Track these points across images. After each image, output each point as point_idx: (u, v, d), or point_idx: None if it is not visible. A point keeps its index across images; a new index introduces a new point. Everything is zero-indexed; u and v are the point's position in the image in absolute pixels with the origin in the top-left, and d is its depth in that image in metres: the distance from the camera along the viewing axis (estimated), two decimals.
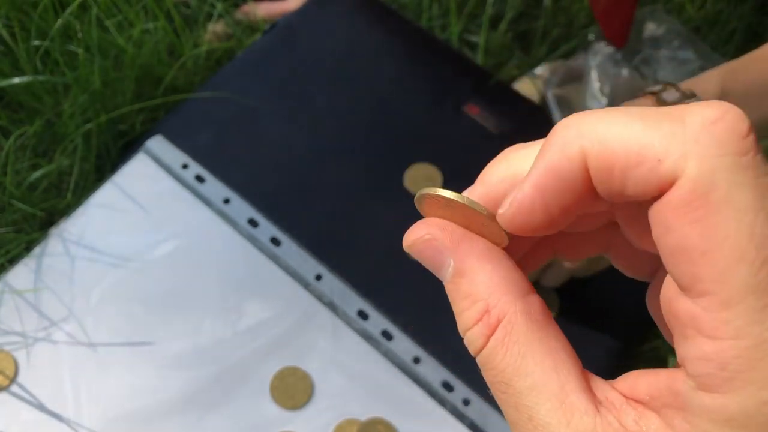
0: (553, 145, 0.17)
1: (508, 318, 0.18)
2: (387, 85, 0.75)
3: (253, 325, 0.62)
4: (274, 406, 0.59)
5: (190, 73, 0.77)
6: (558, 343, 0.18)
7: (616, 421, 0.17)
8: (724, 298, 0.15)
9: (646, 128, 0.15)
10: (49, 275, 0.63)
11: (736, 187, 0.15)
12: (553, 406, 0.17)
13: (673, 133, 0.15)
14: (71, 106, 0.68)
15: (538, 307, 0.18)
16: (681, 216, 0.15)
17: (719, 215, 0.15)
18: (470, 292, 0.19)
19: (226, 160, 0.69)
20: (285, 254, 0.65)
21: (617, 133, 0.16)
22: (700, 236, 0.15)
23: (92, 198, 0.66)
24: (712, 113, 0.15)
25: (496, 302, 0.18)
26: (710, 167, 0.15)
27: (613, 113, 0.16)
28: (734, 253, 0.15)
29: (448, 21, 0.84)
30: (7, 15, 0.70)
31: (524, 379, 0.17)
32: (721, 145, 0.15)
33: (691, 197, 0.15)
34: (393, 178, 0.70)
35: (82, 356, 0.60)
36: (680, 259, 0.15)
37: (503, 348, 0.18)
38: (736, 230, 0.15)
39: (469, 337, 0.19)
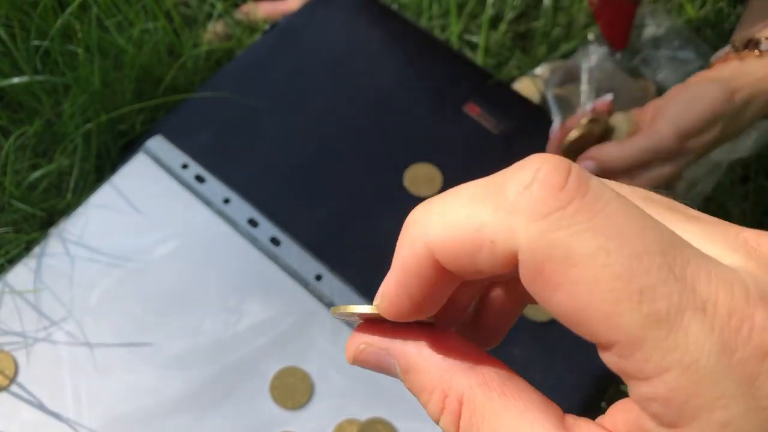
0: (404, 244, 0.17)
1: (466, 396, 0.18)
2: (387, 85, 0.75)
3: (253, 325, 0.62)
4: (274, 406, 0.59)
5: (190, 73, 0.77)
6: (524, 400, 0.18)
7: None
8: (627, 342, 0.14)
9: (476, 210, 0.16)
10: (49, 275, 0.63)
11: (571, 239, 0.14)
12: None
13: (497, 209, 0.15)
14: (71, 106, 0.68)
15: (493, 373, 0.18)
16: (543, 289, 0.15)
17: (573, 272, 0.14)
18: (424, 385, 0.18)
19: (226, 160, 0.69)
20: (285, 254, 0.65)
21: (453, 223, 0.16)
22: (570, 300, 0.15)
23: (92, 198, 0.66)
24: (524, 177, 0.15)
25: (449, 385, 0.18)
26: (538, 234, 0.15)
27: (450, 200, 0.17)
28: (608, 300, 0.14)
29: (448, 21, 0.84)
30: (6, 15, 0.70)
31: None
32: (539, 208, 0.15)
33: (537, 269, 0.15)
34: (393, 178, 0.70)
35: (82, 356, 0.60)
36: (572, 323, 0.15)
37: (473, 427, 0.17)
38: (596, 278, 0.14)
39: (442, 426, 0.18)
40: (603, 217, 0.14)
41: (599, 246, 0.14)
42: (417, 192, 0.69)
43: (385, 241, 0.67)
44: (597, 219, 0.14)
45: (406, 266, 0.17)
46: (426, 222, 0.17)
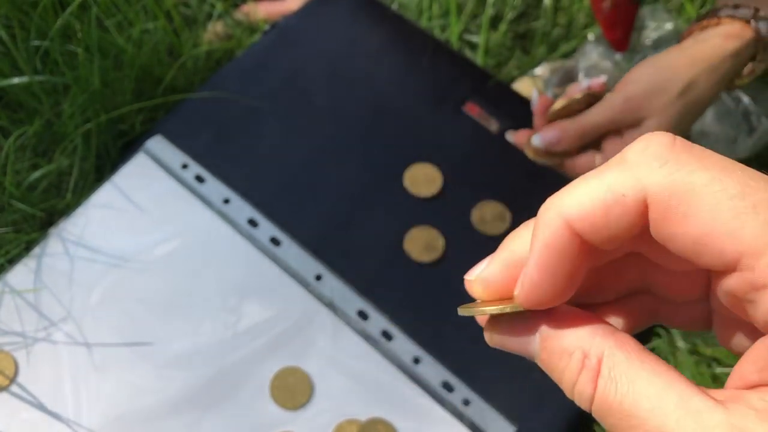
0: (542, 227, 0.19)
1: (606, 354, 0.19)
2: (387, 85, 0.75)
3: (253, 325, 0.62)
4: (274, 406, 0.59)
5: (190, 73, 0.77)
6: (660, 364, 0.18)
7: (744, 407, 0.17)
8: (751, 250, 0.17)
9: (603, 178, 0.18)
10: (49, 275, 0.63)
11: (690, 175, 0.17)
12: (680, 416, 0.17)
13: (622, 171, 0.18)
14: (71, 106, 0.68)
15: (630, 339, 0.19)
16: (671, 224, 0.18)
17: (695, 200, 0.17)
18: (563, 348, 0.19)
19: (226, 160, 0.69)
20: (285, 254, 0.65)
21: (585, 193, 0.19)
22: (696, 226, 0.17)
23: (92, 198, 0.66)
24: (641, 144, 0.18)
25: (590, 346, 0.19)
26: (661, 177, 0.18)
27: (577, 182, 0.19)
28: (730, 217, 0.17)
29: (448, 21, 0.84)
30: (6, 15, 0.70)
31: (643, 404, 0.18)
32: (658, 159, 0.18)
33: (665, 205, 0.18)
34: (393, 178, 0.70)
35: (82, 356, 0.60)
36: (698, 250, 0.17)
37: (613, 383, 0.18)
38: (716, 200, 0.17)
39: (578, 391, 0.19)
40: (708, 160, 0.18)
41: (713, 177, 0.17)
42: (417, 192, 0.69)
43: (385, 240, 0.67)
44: (705, 161, 0.18)
45: (547, 245, 0.19)
46: (559, 202, 0.19)
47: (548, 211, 0.19)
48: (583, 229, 0.19)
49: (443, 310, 0.64)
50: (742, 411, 0.17)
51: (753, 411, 0.17)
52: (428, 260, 0.66)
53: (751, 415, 0.17)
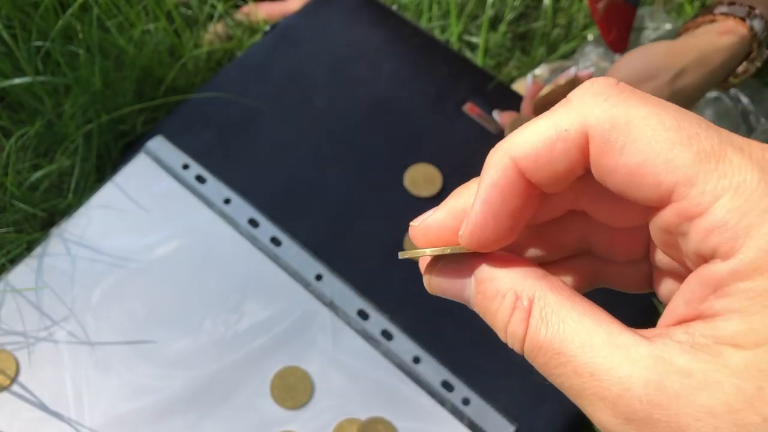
0: (489, 167, 0.20)
1: (537, 295, 0.19)
2: (387, 85, 0.75)
3: (253, 325, 0.62)
4: (274, 406, 0.59)
5: (191, 73, 0.77)
6: (590, 305, 0.19)
7: (669, 341, 0.18)
8: (684, 179, 0.17)
9: (548, 119, 0.19)
10: (50, 275, 0.63)
11: (629, 110, 0.18)
12: (609, 351, 0.18)
13: (567, 110, 0.19)
14: (72, 106, 0.68)
15: (561, 282, 0.20)
16: (610, 156, 0.18)
17: (634, 131, 0.18)
18: (497, 290, 0.20)
19: (226, 161, 0.69)
20: (285, 254, 0.65)
21: (531, 133, 0.19)
22: (634, 156, 0.18)
23: (93, 198, 0.66)
24: (586, 84, 0.19)
25: (522, 287, 0.20)
26: (602, 111, 0.18)
27: (525, 125, 0.20)
28: (665, 147, 0.17)
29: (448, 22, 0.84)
30: (8, 16, 0.71)
31: (572, 341, 0.18)
32: (600, 95, 0.19)
33: (605, 138, 0.18)
34: (393, 178, 0.70)
35: (83, 356, 0.60)
36: (635, 182, 0.18)
37: (544, 322, 0.19)
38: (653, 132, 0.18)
39: (510, 332, 0.20)
40: (648, 98, 0.18)
41: (651, 111, 0.18)
42: (417, 192, 0.69)
43: (385, 240, 0.67)
44: (644, 99, 0.18)
45: (493, 184, 0.20)
46: (506, 144, 0.20)
47: (496, 153, 0.20)
48: (528, 166, 0.19)
49: (443, 309, 0.64)
50: (666, 344, 0.17)
51: (677, 343, 0.17)
52: None
53: (675, 347, 0.17)
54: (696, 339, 0.17)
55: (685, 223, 0.17)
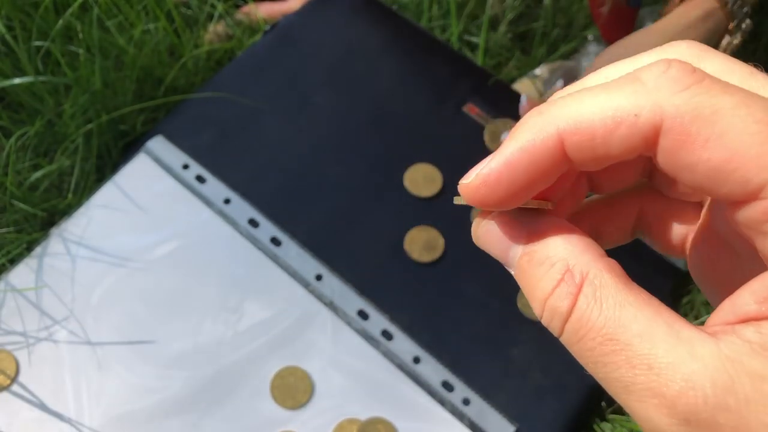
0: (529, 129, 0.18)
1: (593, 273, 0.17)
2: (387, 85, 0.75)
3: (253, 325, 0.62)
4: (274, 406, 0.59)
5: (191, 73, 0.77)
6: (648, 295, 0.17)
7: (738, 339, 0.16)
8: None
9: (612, 95, 0.17)
10: (50, 275, 0.63)
11: (714, 99, 0.16)
12: (671, 345, 0.16)
13: (636, 91, 0.17)
14: (72, 106, 0.68)
15: (618, 267, 0.18)
16: (691, 150, 0.16)
17: (721, 123, 0.16)
18: (546, 256, 0.18)
19: (226, 161, 0.69)
20: (285, 254, 0.65)
21: (587, 108, 0.17)
22: (720, 150, 0.16)
23: (93, 198, 0.66)
24: (659, 66, 0.17)
25: (576, 261, 0.18)
26: (683, 100, 0.16)
27: (579, 94, 0.18)
28: (757, 141, 0.16)
29: (448, 22, 0.84)
30: (8, 15, 0.71)
31: (630, 329, 0.16)
32: (679, 83, 0.17)
33: (685, 131, 0.16)
34: (393, 178, 0.70)
35: (83, 356, 0.60)
36: (721, 176, 0.16)
37: (597, 302, 0.17)
38: (743, 124, 0.16)
39: (551, 303, 0.18)
40: (731, 87, 0.16)
41: (739, 100, 0.16)
42: (417, 192, 0.69)
43: (385, 240, 0.67)
44: (728, 87, 0.16)
45: (529, 150, 0.17)
46: (557, 112, 0.17)
47: (540, 116, 0.18)
48: (575, 143, 0.17)
49: (443, 310, 0.64)
50: (735, 343, 0.16)
51: (747, 343, 0.16)
52: (428, 260, 0.66)
53: (745, 347, 0.16)
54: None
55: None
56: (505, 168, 0.18)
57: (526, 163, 0.18)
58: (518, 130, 0.18)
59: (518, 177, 0.18)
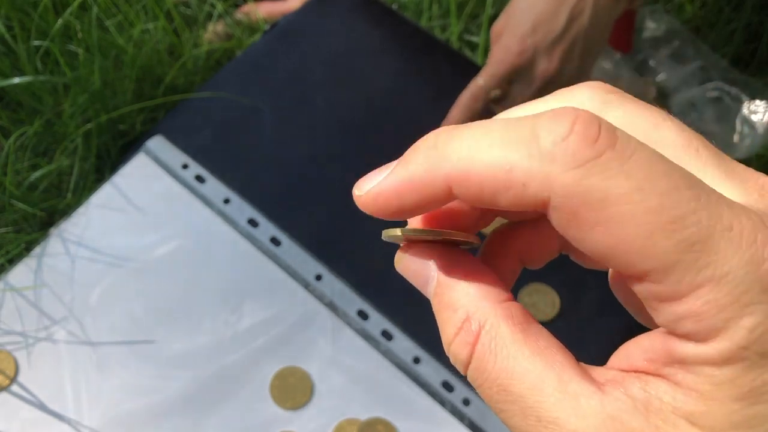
0: (419, 161, 0.18)
1: (490, 323, 0.18)
2: (387, 85, 0.75)
3: (253, 325, 0.62)
4: (274, 406, 0.59)
5: (190, 73, 0.77)
6: (545, 341, 0.18)
7: (622, 395, 0.17)
8: (662, 268, 0.16)
9: (506, 152, 0.16)
10: (50, 275, 0.63)
11: (607, 182, 0.16)
12: (557, 399, 0.17)
13: (531, 156, 0.16)
14: (71, 106, 0.68)
15: (519, 311, 0.18)
16: (578, 230, 0.16)
17: (609, 210, 0.16)
18: (452, 301, 0.19)
19: (226, 161, 0.69)
20: (285, 254, 0.65)
21: (480, 158, 0.17)
22: (606, 237, 0.16)
23: (92, 198, 0.66)
24: (561, 128, 0.16)
25: (475, 309, 0.18)
26: (574, 180, 0.16)
27: (479, 136, 0.17)
28: (643, 232, 0.16)
29: (448, 21, 0.84)
30: (7, 15, 0.70)
31: (522, 381, 0.17)
32: (574, 158, 0.16)
33: (572, 212, 0.16)
34: None
35: (83, 356, 0.60)
36: (607, 258, 0.16)
37: (492, 354, 0.18)
38: (632, 214, 0.16)
39: (453, 349, 0.18)
40: (633, 163, 0.16)
41: (633, 186, 0.15)
42: None
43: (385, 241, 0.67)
44: (628, 164, 0.16)
45: (414, 183, 0.18)
46: (449, 152, 0.17)
47: (434, 150, 0.18)
48: (461, 193, 0.17)
49: None
50: (620, 399, 0.17)
51: (631, 400, 0.16)
52: None
53: (628, 404, 0.16)
54: (652, 400, 0.16)
55: (655, 302, 0.16)
56: (393, 192, 0.19)
57: (414, 193, 0.18)
58: (410, 156, 0.18)
59: (406, 201, 0.18)
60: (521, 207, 0.17)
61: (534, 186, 0.16)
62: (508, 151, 0.16)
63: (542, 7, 0.62)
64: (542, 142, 0.16)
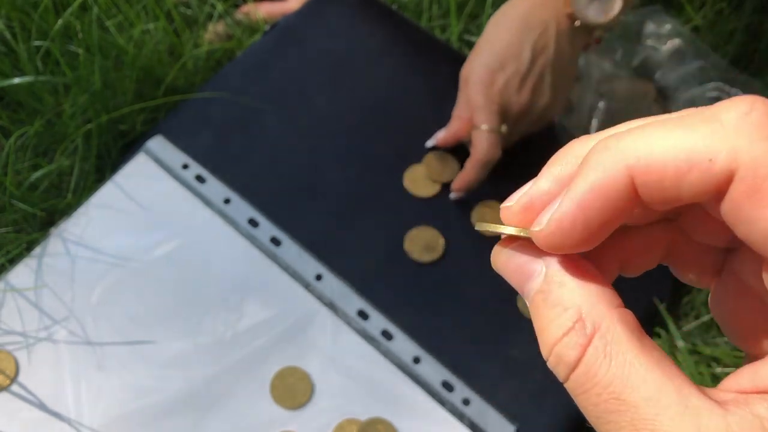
0: (596, 166, 0.17)
1: (605, 326, 0.17)
2: (387, 85, 0.75)
3: (253, 325, 0.62)
4: (274, 406, 0.59)
5: (191, 73, 0.77)
6: (660, 353, 0.17)
7: (748, 414, 0.16)
8: None
9: (687, 134, 0.16)
10: (50, 275, 0.63)
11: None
12: (677, 413, 0.15)
13: (714, 132, 0.16)
14: (72, 106, 0.68)
15: (633, 319, 0.17)
16: (757, 205, 0.15)
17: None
18: (560, 300, 0.17)
19: (226, 161, 0.69)
20: (285, 254, 0.65)
21: (660, 145, 0.16)
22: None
23: (93, 198, 0.66)
24: (743, 106, 0.16)
25: (589, 309, 0.17)
26: (763, 151, 0.15)
27: (650, 128, 0.16)
28: None
29: (448, 21, 0.84)
30: (8, 15, 0.70)
31: (638, 390, 0.16)
32: (761, 129, 0.15)
33: (756, 185, 0.15)
34: (393, 179, 0.70)
35: (83, 356, 0.60)
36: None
37: (606, 358, 0.16)
38: None
39: (558, 350, 0.17)
40: None
41: None
42: (417, 192, 0.69)
43: (385, 240, 0.67)
44: None
45: (598, 189, 0.17)
46: (626, 146, 0.16)
47: (607, 151, 0.17)
48: (645, 183, 0.16)
49: (443, 309, 0.64)
50: (745, 418, 0.15)
51: (756, 419, 0.15)
52: (428, 260, 0.66)
53: (755, 423, 0.15)
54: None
55: None
56: (578, 210, 0.17)
57: (599, 203, 0.17)
58: (585, 167, 0.17)
59: (593, 217, 0.17)
60: (704, 191, 0.16)
61: (721, 160, 0.15)
62: (689, 131, 0.16)
63: (506, 43, 0.63)
64: (725, 118, 0.16)
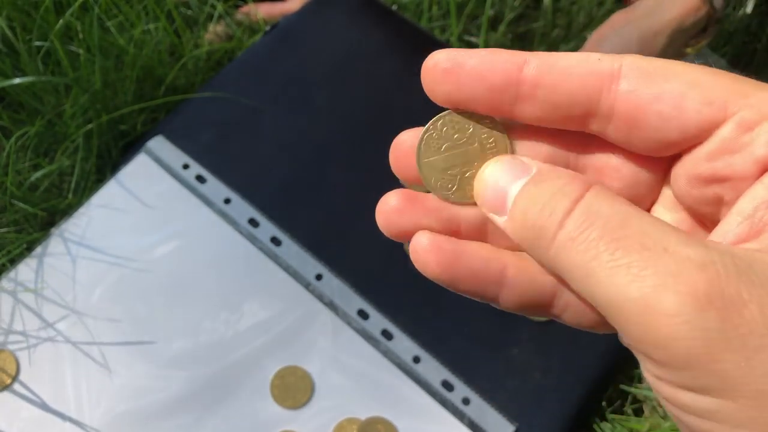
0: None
1: (595, 186, 0.18)
2: (387, 85, 0.75)
3: (253, 325, 0.62)
4: (274, 405, 0.59)
5: (191, 73, 0.77)
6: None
7: (743, 245, 0.17)
8: (732, 95, 0.17)
9: (580, 54, 0.20)
10: (51, 275, 0.63)
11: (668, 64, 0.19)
12: (683, 237, 0.16)
13: (600, 53, 0.21)
14: (72, 106, 0.68)
15: None
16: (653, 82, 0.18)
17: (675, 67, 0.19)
18: (554, 170, 0.20)
19: (226, 161, 0.69)
20: (285, 254, 0.65)
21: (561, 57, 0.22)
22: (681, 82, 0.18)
23: (93, 198, 0.66)
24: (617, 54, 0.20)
25: (579, 178, 0.19)
26: (637, 57, 0.19)
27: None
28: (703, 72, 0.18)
29: (448, 22, 0.84)
30: (8, 15, 0.71)
31: (642, 219, 0.17)
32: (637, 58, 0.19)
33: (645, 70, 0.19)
34: (393, 178, 0.70)
35: (84, 355, 0.60)
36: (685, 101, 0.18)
37: (607, 199, 0.17)
38: (699, 69, 0.19)
39: (556, 194, 0.18)
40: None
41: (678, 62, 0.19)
42: None
43: (385, 240, 0.67)
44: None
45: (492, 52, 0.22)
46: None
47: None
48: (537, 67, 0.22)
49: (443, 309, 0.64)
50: (743, 246, 0.16)
51: (751, 251, 0.16)
52: None
53: (753, 245, 0.16)
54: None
55: (746, 133, 0.16)
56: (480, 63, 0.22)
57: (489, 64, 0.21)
58: None
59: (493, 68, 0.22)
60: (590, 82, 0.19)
61: (606, 59, 0.19)
62: (581, 54, 0.20)
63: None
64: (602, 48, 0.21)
